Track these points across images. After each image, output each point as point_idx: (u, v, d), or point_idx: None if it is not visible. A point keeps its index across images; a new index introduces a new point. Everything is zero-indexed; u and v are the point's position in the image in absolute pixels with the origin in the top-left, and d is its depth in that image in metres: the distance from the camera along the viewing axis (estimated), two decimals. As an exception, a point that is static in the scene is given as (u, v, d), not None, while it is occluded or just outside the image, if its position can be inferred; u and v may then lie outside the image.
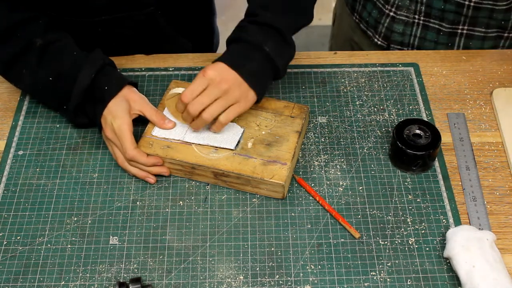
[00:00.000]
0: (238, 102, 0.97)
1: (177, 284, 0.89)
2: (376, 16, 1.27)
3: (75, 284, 0.89)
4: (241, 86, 0.97)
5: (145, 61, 1.19)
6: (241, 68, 0.97)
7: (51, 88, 1.03)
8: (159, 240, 0.94)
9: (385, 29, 1.26)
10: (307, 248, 0.93)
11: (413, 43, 1.26)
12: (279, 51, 1.01)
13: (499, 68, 1.17)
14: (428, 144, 0.98)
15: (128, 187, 1.00)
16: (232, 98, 0.97)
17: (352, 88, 1.14)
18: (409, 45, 1.27)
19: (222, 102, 0.96)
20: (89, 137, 1.07)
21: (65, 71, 1.01)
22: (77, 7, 1.08)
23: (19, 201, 0.98)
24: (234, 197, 0.99)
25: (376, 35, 1.29)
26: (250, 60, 0.99)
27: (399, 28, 1.24)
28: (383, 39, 1.28)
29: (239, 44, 1.01)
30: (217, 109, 0.96)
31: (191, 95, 0.96)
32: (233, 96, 0.97)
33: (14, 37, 1.02)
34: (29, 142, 1.06)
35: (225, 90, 0.96)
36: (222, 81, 0.96)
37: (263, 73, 1.00)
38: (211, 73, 0.96)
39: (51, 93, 1.04)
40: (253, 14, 1.04)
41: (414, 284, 0.89)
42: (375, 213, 0.96)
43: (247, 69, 0.98)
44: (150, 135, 1.01)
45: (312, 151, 1.05)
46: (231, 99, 0.97)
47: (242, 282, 0.89)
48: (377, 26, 1.28)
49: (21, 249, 0.93)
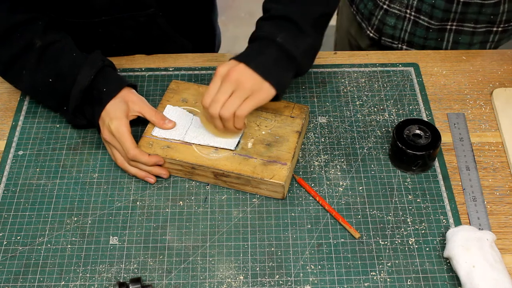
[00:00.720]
0: (253, 94, 0.95)
1: (177, 284, 0.89)
2: (371, 8, 1.29)
3: (75, 284, 0.90)
4: (253, 77, 0.95)
5: (145, 61, 1.19)
6: (252, 61, 0.96)
7: (50, 89, 1.03)
8: (159, 240, 0.94)
9: (378, 21, 1.29)
10: (307, 248, 0.93)
11: (403, 37, 1.28)
12: (292, 40, 0.99)
13: (499, 68, 1.17)
14: (428, 144, 0.98)
15: (128, 187, 1.00)
16: (245, 89, 0.94)
17: (352, 88, 1.14)
18: (399, 39, 1.29)
19: (236, 95, 0.94)
20: (89, 137, 1.07)
21: (64, 72, 1.01)
22: (77, 8, 1.08)
23: (19, 201, 0.98)
24: (234, 197, 0.99)
25: (369, 27, 1.32)
26: (262, 53, 0.97)
27: (391, 21, 1.27)
28: (375, 31, 1.31)
29: (254, 43, 1.01)
30: (233, 103, 0.94)
31: (209, 98, 0.95)
32: (246, 87, 0.94)
33: (13, 38, 1.02)
34: (29, 142, 1.06)
35: (236, 83, 0.94)
36: (233, 74, 0.94)
37: (277, 64, 0.98)
38: (221, 69, 0.95)
39: (50, 94, 1.04)
40: (266, 10, 1.04)
41: (414, 284, 0.89)
42: (375, 213, 0.96)
43: (259, 61, 0.96)
44: (150, 135, 1.01)
45: (312, 151, 1.05)
46: (245, 91, 0.94)
47: (242, 282, 0.89)
48: (371, 18, 1.30)
49: (21, 249, 0.93)
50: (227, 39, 2.74)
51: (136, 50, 1.20)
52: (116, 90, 1.00)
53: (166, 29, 1.18)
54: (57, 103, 1.04)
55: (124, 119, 0.98)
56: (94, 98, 1.00)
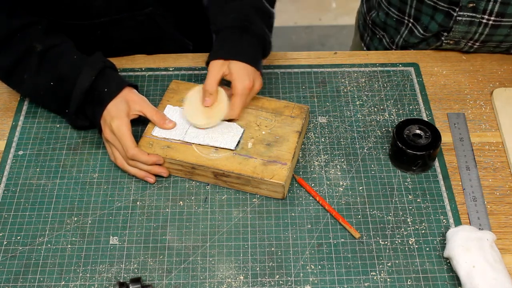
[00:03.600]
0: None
1: (177, 284, 0.89)
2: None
3: (75, 284, 0.89)
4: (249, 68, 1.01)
5: (145, 61, 1.19)
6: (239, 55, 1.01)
7: (52, 92, 1.03)
8: (159, 240, 0.94)
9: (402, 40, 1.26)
10: (307, 248, 0.93)
11: (397, 42, 1.26)
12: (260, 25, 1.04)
13: (499, 68, 1.17)
14: (428, 144, 0.98)
15: (128, 187, 1.00)
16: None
17: (352, 88, 1.14)
18: (394, 43, 1.27)
19: None
20: (89, 137, 1.07)
21: (65, 74, 1.01)
22: (75, 10, 1.08)
23: (19, 201, 0.98)
24: (234, 197, 0.99)
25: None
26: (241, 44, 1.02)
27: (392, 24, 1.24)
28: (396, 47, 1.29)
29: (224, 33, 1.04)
30: None
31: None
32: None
33: (13, 43, 1.02)
34: (29, 142, 1.06)
35: None
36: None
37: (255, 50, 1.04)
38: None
39: (52, 97, 1.04)
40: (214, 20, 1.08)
41: (414, 284, 0.89)
42: (375, 213, 0.96)
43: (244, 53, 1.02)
44: (150, 135, 1.01)
45: (312, 151, 1.05)
46: None
47: (242, 282, 0.89)
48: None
49: (21, 249, 0.93)
50: (227, 39, 2.74)
51: (136, 50, 1.20)
52: (117, 90, 1.00)
53: (165, 28, 1.18)
54: (58, 106, 1.05)
55: (125, 119, 0.98)
56: (95, 99, 1.01)
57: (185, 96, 1.04)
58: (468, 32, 1.13)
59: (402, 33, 1.24)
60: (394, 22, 1.24)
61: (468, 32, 1.13)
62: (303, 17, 2.81)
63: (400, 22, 1.23)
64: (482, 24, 1.11)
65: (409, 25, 1.21)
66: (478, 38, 1.14)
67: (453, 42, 1.17)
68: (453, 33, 1.14)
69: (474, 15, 1.09)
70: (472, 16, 1.10)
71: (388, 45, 1.29)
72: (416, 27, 1.20)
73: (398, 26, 1.24)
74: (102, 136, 1.02)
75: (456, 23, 1.12)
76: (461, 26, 1.12)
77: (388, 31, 1.28)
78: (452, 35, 1.14)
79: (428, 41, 1.20)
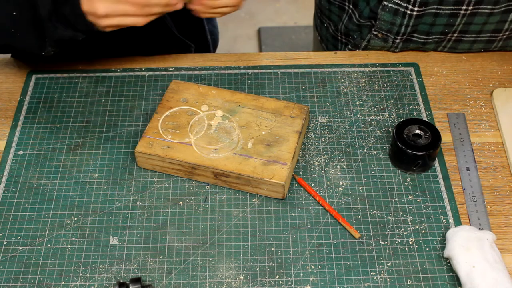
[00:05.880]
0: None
1: (177, 284, 0.90)
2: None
3: (75, 284, 0.90)
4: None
5: (145, 61, 1.19)
6: None
7: (19, 19, 0.96)
8: (159, 240, 0.94)
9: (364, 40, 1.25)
10: (307, 248, 0.93)
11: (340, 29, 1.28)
12: None
13: (499, 68, 1.17)
14: (428, 144, 0.98)
15: (128, 187, 1.00)
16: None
17: (352, 88, 1.14)
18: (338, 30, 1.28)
19: None
20: (89, 137, 1.07)
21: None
22: None
23: (19, 201, 0.99)
24: (234, 197, 0.99)
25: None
26: None
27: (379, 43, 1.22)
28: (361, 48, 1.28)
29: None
30: None
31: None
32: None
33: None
34: (29, 142, 1.06)
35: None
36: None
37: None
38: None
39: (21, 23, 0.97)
40: None
41: (414, 284, 0.89)
42: (375, 213, 0.97)
43: None
44: (150, 135, 1.01)
45: (312, 151, 1.05)
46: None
47: (242, 282, 0.89)
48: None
49: (21, 249, 0.93)
50: (227, 39, 2.74)
51: (137, 51, 1.20)
52: None
53: (165, 28, 1.18)
54: (33, 27, 0.97)
55: None
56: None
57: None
58: (393, 24, 1.14)
59: (344, 20, 1.26)
60: (337, 9, 1.28)
61: (393, 24, 1.14)
62: (303, 17, 2.81)
63: (342, 9, 1.26)
64: (406, 15, 1.12)
65: (349, 12, 1.24)
66: (405, 31, 1.15)
67: (381, 35, 1.18)
68: (379, 22, 1.15)
69: (399, 3, 1.11)
70: (397, 4, 1.11)
71: (334, 33, 1.31)
72: (354, 13, 1.22)
73: (341, 13, 1.27)
74: (97, 21, 0.95)
75: (383, 9, 1.13)
76: (386, 13, 1.13)
77: (332, 18, 1.31)
78: (379, 24, 1.16)
79: (361, 31, 1.22)
